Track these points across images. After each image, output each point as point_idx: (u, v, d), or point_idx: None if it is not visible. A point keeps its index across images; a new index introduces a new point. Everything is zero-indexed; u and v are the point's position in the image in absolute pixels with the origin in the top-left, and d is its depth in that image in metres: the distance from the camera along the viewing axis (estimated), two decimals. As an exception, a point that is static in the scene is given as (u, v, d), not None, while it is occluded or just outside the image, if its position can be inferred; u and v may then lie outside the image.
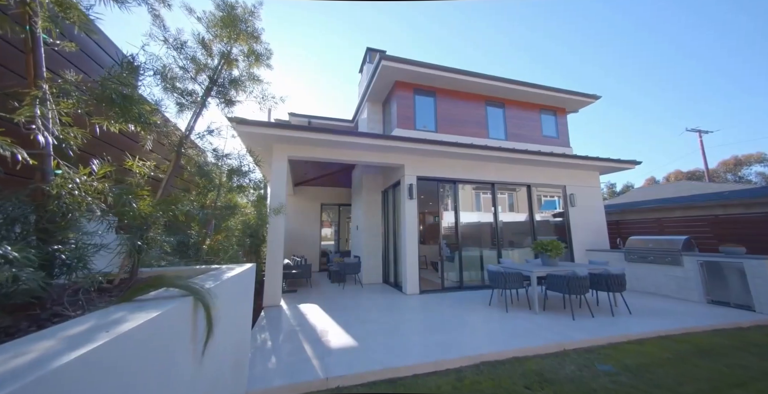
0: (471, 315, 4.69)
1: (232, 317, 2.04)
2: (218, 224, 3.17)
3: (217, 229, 3.34)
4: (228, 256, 3.56)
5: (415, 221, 6.74)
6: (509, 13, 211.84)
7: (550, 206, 8.19)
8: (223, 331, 1.75)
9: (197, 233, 2.95)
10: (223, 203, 3.30)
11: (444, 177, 7.16)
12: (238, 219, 4.90)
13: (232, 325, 2.05)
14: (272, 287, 5.57)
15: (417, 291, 6.42)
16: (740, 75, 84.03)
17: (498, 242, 7.43)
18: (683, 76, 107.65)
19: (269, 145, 6.03)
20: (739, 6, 71.09)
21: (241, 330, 2.43)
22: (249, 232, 5.38)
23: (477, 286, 7.03)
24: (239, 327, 2.33)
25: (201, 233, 3.00)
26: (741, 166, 37.11)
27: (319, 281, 8.56)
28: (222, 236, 3.35)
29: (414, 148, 6.41)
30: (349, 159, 6.47)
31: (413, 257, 6.54)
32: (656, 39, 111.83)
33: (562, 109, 9.66)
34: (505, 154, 6.98)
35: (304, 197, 11.62)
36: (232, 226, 4.00)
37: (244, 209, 3.31)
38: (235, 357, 2.22)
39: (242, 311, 2.41)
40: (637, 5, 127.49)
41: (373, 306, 5.41)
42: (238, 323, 2.30)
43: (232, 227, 4.40)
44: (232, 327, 2.07)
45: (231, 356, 2.08)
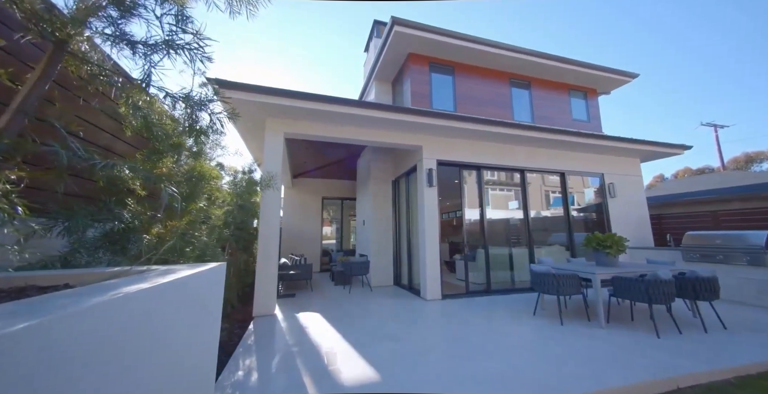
0: (518, 329, 3.66)
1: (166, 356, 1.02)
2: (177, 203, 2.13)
3: (178, 212, 2.30)
4: (196, 254, 2.52)
5: (436, 213, 5.70)
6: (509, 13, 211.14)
7: (559, 203, 7.13)
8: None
9: (136, 212, 1.90)
10: (184, 173, 2.25)
11: (467, 162, 6.12)
12: (217, 207, 3.87)
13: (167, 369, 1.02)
14: (265, 291, 4.54)
15: (439, 296, 5.39)
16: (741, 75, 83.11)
17: (529, 238, 6.39)
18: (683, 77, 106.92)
19: (261, 120, 4.98)
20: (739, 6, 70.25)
21: (196, 370, 1.41)
22: (236, 223, 4.34)
23: (506, 289, 6.00)
24: (186, 368, 1.30)
25: (143, 213, 1.95)
26: (752, 163, 36.19)
27: (321, 283, 7.53)
28: (183, 223, 2.30)
29: (433, 125, 5.37)
30: (358, 139, 5.43)
31: (434, 255, 5.51)
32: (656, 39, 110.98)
33: (593, 90, 8.62)
34: (539, 134, 5.93)
35: (304, 190, 10.58)
36: (207, 211, 2.96)
37: (217, 181, 2.34)
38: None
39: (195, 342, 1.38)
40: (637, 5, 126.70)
41: (388, 316, 4.38)
42: (184, 362, 1.28)
43: (210, 214, 3.37)
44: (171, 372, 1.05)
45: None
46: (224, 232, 3.98)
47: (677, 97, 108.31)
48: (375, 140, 5.55)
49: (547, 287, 3.97)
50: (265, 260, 4.59)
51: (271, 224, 4.69)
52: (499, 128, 5.65)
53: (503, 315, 4.32)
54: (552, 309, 4.52)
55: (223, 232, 3.89)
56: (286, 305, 5.14)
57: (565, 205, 6.77)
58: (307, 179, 10.64)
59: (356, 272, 6.38)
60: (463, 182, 6.22)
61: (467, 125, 5.45)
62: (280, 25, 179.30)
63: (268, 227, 4.66)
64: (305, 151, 7.99)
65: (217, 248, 3.62)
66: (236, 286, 5.20)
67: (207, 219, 3.60)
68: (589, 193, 7.36)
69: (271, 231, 4.68)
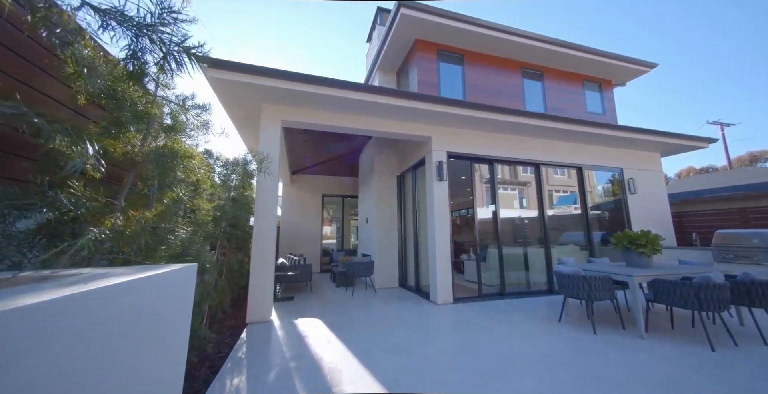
0: (547, 339, 3.22)
1: None
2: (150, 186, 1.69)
3: (152, 199, 1.86)
4: (172, 254, 2.07)
5: (447, 209, 5.26)
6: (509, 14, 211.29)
7: (566, 201, 6.68)
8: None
9: (83, 198, 1.45)
10: (151, 151, 1.80)
11: (479, 154, 5.68)
12: (205, 200, 3.42)
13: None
14: (259, 295, 4.09)
15: (450, 300, 4.95)
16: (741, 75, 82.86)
17: (545, 237, 5.95)
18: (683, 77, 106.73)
19: (256, 107, 4.53)
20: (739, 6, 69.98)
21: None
22: (227, 219, 3.89)
23: (521, 292, 5.57)
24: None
25: (94, 200, 1.50)
26: (756, 161, 35.90)
27: (321, 285, 7.08)
28: (151, 214, 1.85)
29: (444, 114, 4.92)
30: (362, 128, 4.99)
31: (444, 255, 5.07)
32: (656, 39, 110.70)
33: (608, 81, 8.18)
34: (557, 124, 5.49)
35: (303, 187, 10.13)
36: (188, 203, 2.52)
37: (191, 162, 1.90)
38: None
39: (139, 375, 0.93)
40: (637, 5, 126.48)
41: (397, 322, 3.93)
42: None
43: (194, 207, 2.93)
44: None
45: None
46: (213, 228, 3.53)
47: (678, 96, 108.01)
48: (381, 130, 5.11)
49: (577, 290, 3.53)
50: (260, 260, 4.15)
51: (267, 219, 4.24)
52: (515, 117, 5.21)
53: (525, 322, 3.88)
54: (578, 315, 4.08)
55: (211, 228, 3.44)
56: (283, 310, 4.70)
57: (582, 201, 6.33)
58: (306, 176, 10.20)
59: (359, 273, 5.94)
60: (474, 177, 5.77)
61: (481, 114, 5.01)
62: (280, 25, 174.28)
63: (263, 223, 4.22)
64: (304, 145, 7.55)
65: (205, 247, 3.18)
66: (228, 289, 4.75)
67: (191, 213, 3.15)
68: (599, 190, 6.92)
69: (267, 227, 4.23)
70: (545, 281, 5.83)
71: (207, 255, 2.88)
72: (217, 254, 3.93)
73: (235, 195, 4.25)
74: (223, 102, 4.40)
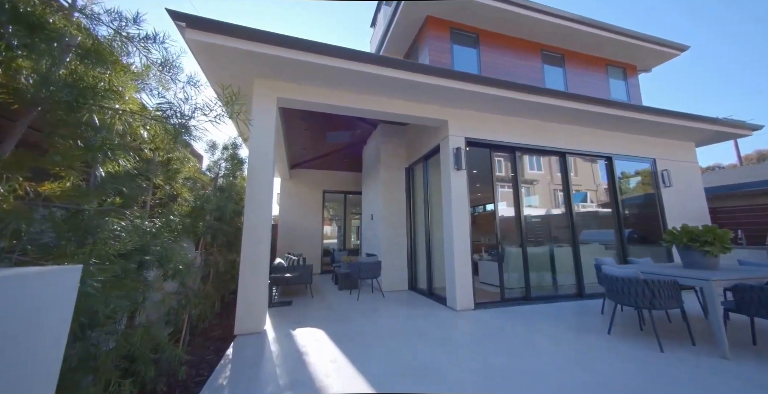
0: (604, 362, 2.59)
1: None
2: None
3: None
4: (106, 251, 1.44)
5: (466, 202, 4.63)
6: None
7: (575, 199, 6.01)
8: None
9: None
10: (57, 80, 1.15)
11: (500, 142, 5.05)
12: (184, 186, 2.79)
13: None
14: (250, 302, 3.46)
15: (471, 305, 4.32)
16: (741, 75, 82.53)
17: (573, 235, 5.33)
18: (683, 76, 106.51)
19: (247, 82, 3.90)
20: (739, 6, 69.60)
21: None
22: (213, 211, 3.25)
23: (548, 296, 4.94)
24: None
25: None
26: (764, 160, 35.47)
27: (322, 288, 6.45)
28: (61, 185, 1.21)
29: (462, 92, 4.30)
30: (370, 109, 4.36)
31: (464, 255, 4.44)
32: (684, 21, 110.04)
33: (633, 66, 7.56)
34: (589, 106, 4.87)
35: (303, 183, 9.50)
36: (137, 177, 1.89)
37: (128, 106, 1.31)
38: None
39: None
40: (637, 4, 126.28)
41: (414, 334, 3.30)
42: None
43: (161, 182, 2.32)
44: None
45: None
46: (193, 221, 2.89)
47: (679, 96, 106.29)
48: (391, 112, 4.48)
49: (634, 297, 2.90)
50: (252, 260, 3.51)
51: (260, 212, 3.61)
52: (541, 97, 4.58)
53: (567, 334, 3.25)
54: (626, 325, 3.46)
55: (190, 221, 2.80)
56: (279, 317, 4.07)
57: (612, 196, 5.71)
58: (306, 170, 9.57)
59: (365, 274, 5.31)
60: (494, 167, 5.14)
61: (504, 92, 4.38)
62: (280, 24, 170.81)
63: (256, 216, 3.59)
64: (304, 136, 6.92)
65: (180, 243, 2.55)
66: (216, 294, 4.12)
67: (165, 201, 2.53)
68: (581, 196, 6.27)
69: (260, 221, 3.60)
70: (573, 283, 5.21)
71: (180, 254, 2.25)
72: (200, 253, 3.31)
73: (224, 184, 3.62)
74: (209, 76, 3.76)
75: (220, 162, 3.65)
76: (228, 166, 3.84)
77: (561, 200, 5.57)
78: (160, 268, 2.24)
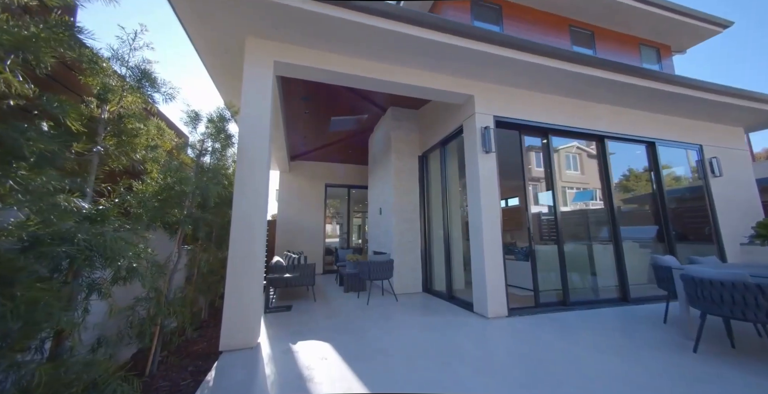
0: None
1: None
2: None
3: None
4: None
5: (497, 190, 3.96)
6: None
7: (584, 197, 5.33)
8: None
9: None
10: None
11: (532, 122, 4.37)
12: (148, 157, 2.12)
13: None
14: (242, 308, 2.78)
15: (504, 312, 3.65)
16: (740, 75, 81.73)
17: (615, 231, 4.66)
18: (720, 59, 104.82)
19: (238, 42, 3.22)
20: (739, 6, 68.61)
21: None
22: (195, 195, 2.57)
23: (589, 301, 4.27)
24: None
25: None
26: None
27: (325, 290, 5.78)
28: None
29: (494, 56, 3.61)
30: (383, 79, 3.67)
31: (496, 253, 3.77)
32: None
33: (667, 47, 6.88)
34: (643, 81, 4.19)
35: (303, 176, 8.82)
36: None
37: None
38: None
39: None
40: None
41: (447, 352, 2.63)
42: None
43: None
44: None
45: None
46: (160, 205, 2.21)
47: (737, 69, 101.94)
48: (409, 84, 3.80)
49: (740, 307, 2.23)
50: (243, 256, 2.84)
51: (254, 197, 2.93)
52: (590, 69, 3.90)
53: (639, 352, 2.58)
54: (710, 341, 2.78)
55: (156, 205, 2.12)
56: (277, 326, 3.39)
57: (658, 186, 5.03)
58: (307, 162, 8.89)
59: (376, 274, 4.64)
60: (523, 153, 4.46)
61: (546, 61, 3.70)
62: None
63: (249, 201, 2.91)
64: (305, 120, 6.24)
65: (137, 235, 1.88)
66: (199, 299, 3.45)
67: (123, 176, 1.86)
68: (590, 193, 5.60)
69: (253, 207, 2.93)
70: (614, 285, 4.54)
71: (131, 250, 1.57)
72: (177, 248, 2.63)
73: (211, 165, 2.94)
74: (191, 33, 3.08)
75: (205, 139, 2.97)
76: (214, 144, 3.16)
77: (569, 198, 4.90)
78: (107, 267, 1.57)
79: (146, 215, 1.96)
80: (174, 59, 37.34)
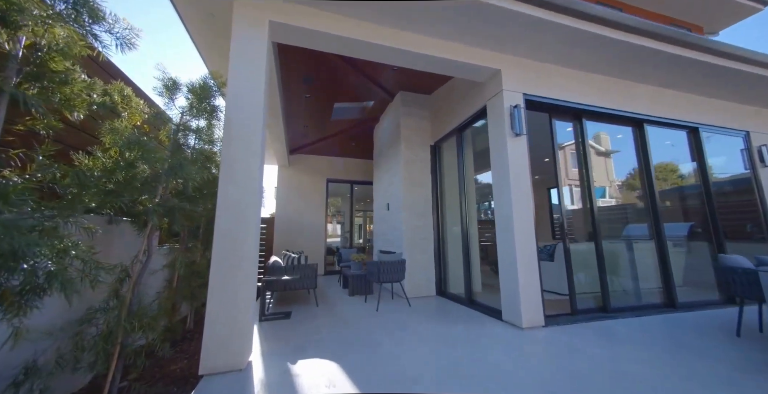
0: None
1: None
2: None
3: None
4: None
5: (528, 181, 3.42)
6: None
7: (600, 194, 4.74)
8: None
9: None
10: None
11: (564, 102, 3.83)
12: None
13: None
14: (228, 320, 2.24)
15: (541, 321, 3.11)
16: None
17: (658, 228, 4.12)
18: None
19: (225, 3, 2.67)
20: None
21: None
22: (167, 177, 2.03)
23: (631, 307, 3.73)
24: None
25: None
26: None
27: (328, 293, 5.25)
28: None
29: (529, 17, 3.06)
30: (399, 47, 3.13)
31: (528, 252, 3.23)
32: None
33: (699, 28, 6.33)
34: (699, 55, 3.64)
35: (304, 170, 8.28)
36: None
37: None
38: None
39: None
40: None
41: (487, 375, 2.08)
42: None
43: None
44: None
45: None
46: (126, 191, 1.67)
47: None
48: (426, 54, 3.25)
49: None
50: (229, 254, 2.29)
51: (244, 181, 2.39)
52: (636, 37, 3.36)
53: (732, 374, 2.04)
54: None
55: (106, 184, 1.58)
56: (274, 338, 2.86)
57: (703, 177, 4.49)
58: (307, 156, 8.35)
59: (387, 276, 4.10)
60: (555, 138, 3.91)
61: (591, 27, 3.15)
62: None
63: (237, 187, 2.37)
64: (306, 106, 5.70)
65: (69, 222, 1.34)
66: (176, 308, 2.92)
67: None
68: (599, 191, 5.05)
69: (243, 194, 2.38)
70: (657, 288, 4.00)
71: (45, 246, 1.02)
72: (145, 246, 2.09)
73: (192, 145, 2.41)
74: None
75: (184, 112, 2.43)
76: (198, 121, 2.62)
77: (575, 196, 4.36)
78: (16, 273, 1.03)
79: (90, 198, 1.42)
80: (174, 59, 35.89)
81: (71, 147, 1.61)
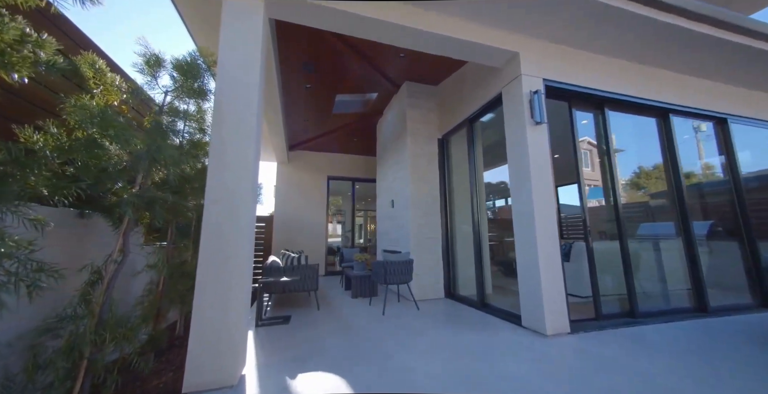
0: None
1: None
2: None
3: None
4: None
5: (550, 173, 3.12)
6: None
7: (594, 195, 4.41)
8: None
9: None
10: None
11: (586, 88, 3.53)
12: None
13: None
14: (216, 330, 1.95)
15: (566, 328, 2.82)
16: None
17: (687, 227, 3.82)
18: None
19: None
20: None
21: None
22: (145, 162, 1.75)
23: (659, 312, 3.43)
24: None
25: None
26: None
27: (329, 294, 4.96)
28: None
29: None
30: (411, 25, 2.84)
31: (551, 251, 2.94)
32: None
33: (719, 17, 6.04)
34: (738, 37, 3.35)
35: (303, 167, 7.99)
36: None
37: None
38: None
39: None
40: None
41: (514, 391, 1.79)
42: None
43: None
44: None
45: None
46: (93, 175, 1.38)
47: None
48: (440, 34, 2.96)
49: None
50: (218, 255, 2.00)
51: (237, 169, 2.10)
52: (673, 17, 3.06)
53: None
54: None
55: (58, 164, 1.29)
56: (271, 347, 2.56)
57: (733, 171, 4.20)
58: (307, 152, 8.06)
59: (394, 277, 3.80)
60: (575, 128, 3.61)
61: (619, 2, 2.86)
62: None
63: (230, 171, 2.08)
64: (306, 98, 5.41)
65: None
66: (163, 313, 2.62)
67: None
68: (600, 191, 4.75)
69: (235, 182, 2.09)
70: (685, 291, 3.71)
71: None
72: (120, 244, 1.80)
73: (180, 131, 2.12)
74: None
75: (168, 91, 2.14)
76: (187, 105, 2.33)
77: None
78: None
79: (38, 182, 1.13)
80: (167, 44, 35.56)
81: (11, 119, 1.32)
